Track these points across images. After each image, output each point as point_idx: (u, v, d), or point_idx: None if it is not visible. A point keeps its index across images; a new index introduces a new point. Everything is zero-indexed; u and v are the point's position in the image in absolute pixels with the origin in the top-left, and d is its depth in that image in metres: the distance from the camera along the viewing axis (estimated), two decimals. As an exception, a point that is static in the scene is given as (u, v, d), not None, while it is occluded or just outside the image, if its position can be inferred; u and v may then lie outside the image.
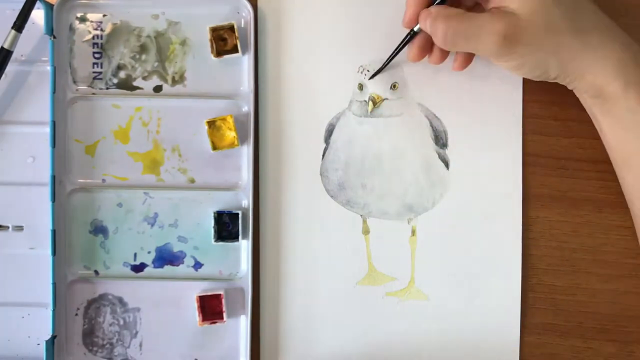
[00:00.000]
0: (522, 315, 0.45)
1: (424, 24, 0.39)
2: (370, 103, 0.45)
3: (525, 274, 0.45)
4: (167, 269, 0.46)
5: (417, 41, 0.41)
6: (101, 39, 0.46)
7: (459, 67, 0.43)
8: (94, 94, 0.46)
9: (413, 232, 0.46)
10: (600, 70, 0.38)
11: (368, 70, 0.45)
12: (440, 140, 0.46)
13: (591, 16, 0.39)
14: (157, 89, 0.46)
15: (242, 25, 0.45)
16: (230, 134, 0.45)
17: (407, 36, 0.42)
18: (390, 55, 0.43)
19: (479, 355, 0.45)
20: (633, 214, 0.42)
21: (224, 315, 0.44)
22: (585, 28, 0.38)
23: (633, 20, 0.45)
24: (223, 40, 0.45)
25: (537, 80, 0.40)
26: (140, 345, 0.46)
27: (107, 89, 0.46)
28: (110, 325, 0.46)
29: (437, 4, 0.40)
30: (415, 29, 0.41)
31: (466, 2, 0.41)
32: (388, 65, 0.45)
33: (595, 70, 0.38)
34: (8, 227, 0.46)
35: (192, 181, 0.46)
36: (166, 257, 0.46)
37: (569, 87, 0.41)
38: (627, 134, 0.40)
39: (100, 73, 0.46)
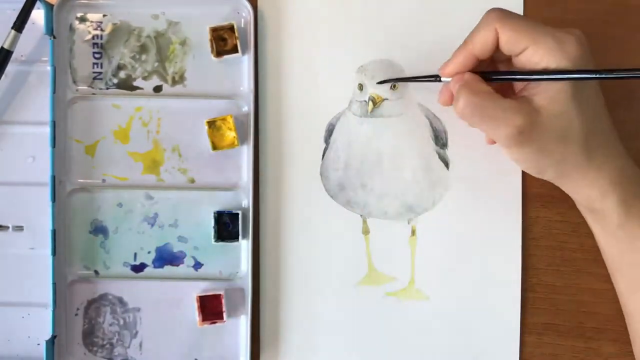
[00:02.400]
0: (522, 315, 0.45)
1: (453, 86, 0.39)
2: (370, 103, 0.45)
3: (525, 274, 0.45)
4: (167, 269, 0.46)
5: (447, 90, 0.40)
6: (101, 39, 0.46)
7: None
8: (94, 94, 0.46)
9: (413, 232, 0.46)
10: (597, 185, 0.39)
11: (368, 71, 0.45)
12: (440, 140, 0.46)
13: (603, 132, 0.39)
14: (157, 89, 0.46)
15: (242, 25, 0.45)
16: (230, 134, 0.45)
17: (434, 77, 0.40)
18: (407, 78, 0.44)
19: (479, 355, 0.45)
20: (625, 313, 0.43)
21: (224, 315, 0.44)
22: (594, 143, 0.38)
23: (633, 20, 0.45)
24: (223, 40, 0.45)
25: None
26: (140, 345, 0.46)
27: (107, 89, 0.46)
28: (110, 325, 0.46)
29: (479, 73, 0.38)
30: (443, 79, 0.40)
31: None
32: (388, 66, 0.45)
33: (592, 184, 0.39)
34: (8, 227, 0.46)
35: (192, 181, 0.46)
36: (166, 257, 0.46)
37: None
38: (618, 245, 0.40)
39: (100, 73, 0.46)
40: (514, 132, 0.36)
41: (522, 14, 0.45)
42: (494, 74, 0.39)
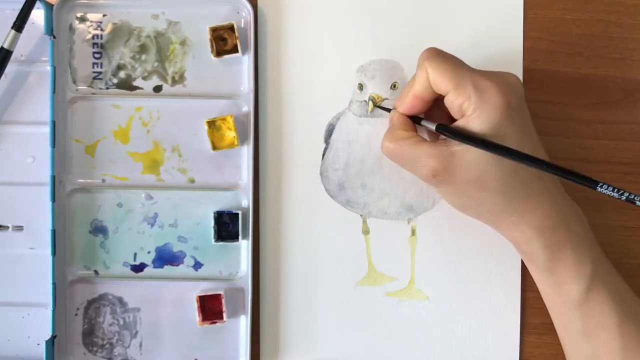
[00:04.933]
0: (522, 315, 0.45)
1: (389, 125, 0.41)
2: (370, 103, 0.45)
3: (525, 273, 0.45)
4: (167, 269, 0.46)
5: None
6: (101, 39, 0.46)
7: None
8: (94, 94, 0.46)
9: (413, 232, 0.46)
10: (520, 230, 0.39)
11: (368, 71, 0.45)
12: (440, 140, 0.46)
13: (526, 180, 0.38)
14: (157, 89, 0.46)
15: (242, 25, 0.45)
16: (230, 134, 0.45)
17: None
18: (385, 108, 0.45)
19: (479, 355, 0.45)
20: (565, 352, 0.42)
21: (224, 315, 0.44)
22: (514, 191, 0.38)
23: (633, 20, 0.45)
24: (223, 40, 0.45)
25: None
26: (140, 345, 0.46)
27: (107, 89, 0.46)
28: (110, 325, 0.46)
29: (413, 119, 0.41)
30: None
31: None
32: (388, 66, 0.45)
33: (514, 228, 0.39)
34: (8, 227, 0.46)
35: (192, 181, 0.46)
36: (166, 257, 0.46)
37: None
38: (548, 287, 0.40)
39: (100, 73, 0.46)
40: (428, 175, 0.38)
41: (522, 14, 0.45)
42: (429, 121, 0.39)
